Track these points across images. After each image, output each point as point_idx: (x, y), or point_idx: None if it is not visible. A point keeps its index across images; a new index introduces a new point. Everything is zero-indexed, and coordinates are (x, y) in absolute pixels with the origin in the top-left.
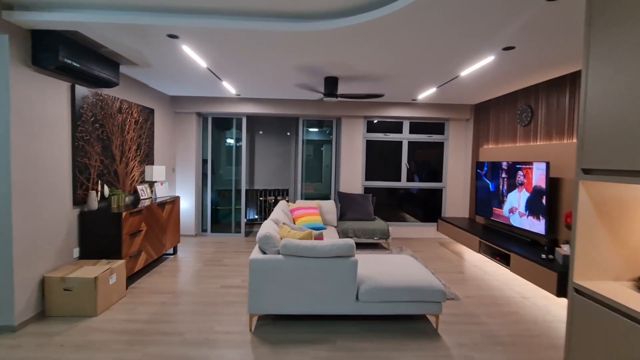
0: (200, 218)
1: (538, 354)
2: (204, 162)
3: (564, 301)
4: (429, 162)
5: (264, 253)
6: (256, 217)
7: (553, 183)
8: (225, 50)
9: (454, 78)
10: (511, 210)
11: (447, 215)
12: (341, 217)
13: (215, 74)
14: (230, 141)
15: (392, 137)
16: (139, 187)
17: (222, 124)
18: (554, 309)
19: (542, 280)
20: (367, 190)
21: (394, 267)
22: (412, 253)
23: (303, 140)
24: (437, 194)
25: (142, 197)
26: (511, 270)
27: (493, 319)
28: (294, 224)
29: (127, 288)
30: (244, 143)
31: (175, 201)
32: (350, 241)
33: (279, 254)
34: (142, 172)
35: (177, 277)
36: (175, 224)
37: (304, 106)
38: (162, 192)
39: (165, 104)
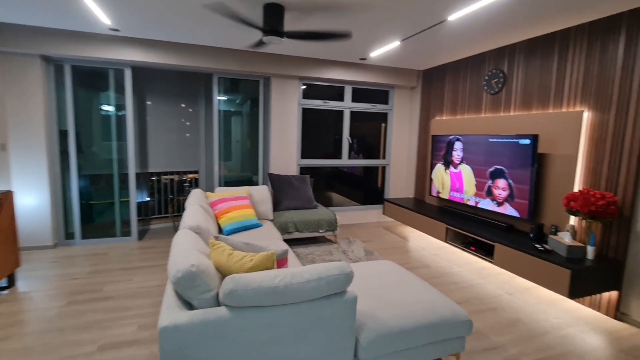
0: (62, 219)
1: None
2: (63, 134)
3: (567, 302)
4: (364, 137)
5: (190, 305)
6: (148, 199)
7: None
8: None
9: (438, 23)
10: (480, 192)
11: (391, 196)
12: (276, 206)
13: None
14: (109, 108)
15: (333, 105)
16: None
17: (92, 78)
18: (563, 314)
19: (545, 278)
20: (303, 170)
21: (389, 287)
22: (365, 246)
23: (219, 109)
24: (373, 172)
25: None
26: (495, 264)
27: (502, 336)
28: (217, 222)
29: None
30: (129, 107)
31: (1, 200)
32: (347, 268)
33: (218, 304)
34: None
35: (7, 341)
36: (6, 238)
37: (221, 57)
38: None
39: None
